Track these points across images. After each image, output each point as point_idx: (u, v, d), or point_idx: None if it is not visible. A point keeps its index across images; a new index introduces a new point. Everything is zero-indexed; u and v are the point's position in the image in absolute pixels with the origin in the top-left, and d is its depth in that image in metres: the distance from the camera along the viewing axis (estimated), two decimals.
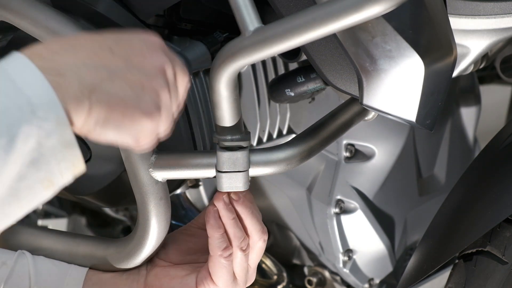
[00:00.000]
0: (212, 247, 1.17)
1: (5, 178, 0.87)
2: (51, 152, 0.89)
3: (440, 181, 1.76)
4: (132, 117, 0.94)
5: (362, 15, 0.98)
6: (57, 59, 0.90)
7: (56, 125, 0.88)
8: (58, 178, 0.90)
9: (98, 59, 0.93)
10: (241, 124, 1.16)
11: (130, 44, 0.97)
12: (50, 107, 0.88)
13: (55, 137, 0.89)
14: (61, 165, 0.90)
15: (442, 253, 1.29)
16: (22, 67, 0.88)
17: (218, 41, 1.34)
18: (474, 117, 1.81)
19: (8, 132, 0.86)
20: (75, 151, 0.91)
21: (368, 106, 1.11)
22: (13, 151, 0.87)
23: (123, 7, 1.27)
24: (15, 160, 0.87)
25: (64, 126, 0.89)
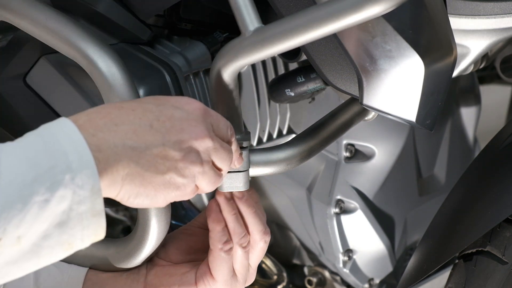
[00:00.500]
0: (212, 240, 1.17)
1: (32, 234, 0.91)
2: (79, 218, 0.93)
3: (440, 181, 1.76)
4: (163, 191, 1.01)
5: (362, 15, 0.98)
6: (99, 136, 0.96)
7: (90, 194, 0.93)
8: (78, 243, 0.95)
9: (136, 138, 0.98)
10: (241, 124, 1.16)
11: (171, 118, 1.01)
12: (88, 177, 0.93)
13: (86, 205, 0.93)
14: (84, 232, 0.95)
15: (442, 253, 1.29)
16: (70, 134, 0.94)
17: (218, 41, 1.34)
18: (474, 117, 1.81)
19: (48, 190, 0.91)
20: (101, 221, 0.95)
21: (368, 106, 1.11)
22: (46, 209, 0.91)
23: (123, 7, 1.27)
24: (46, 218, 0.91)
25: (97, 196, 0.94)
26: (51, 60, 1.27)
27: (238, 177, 1.16)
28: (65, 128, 0.95)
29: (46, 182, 0.91)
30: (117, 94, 1.17)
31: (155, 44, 1.33)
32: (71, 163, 0.93)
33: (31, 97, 1.30)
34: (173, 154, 1.01)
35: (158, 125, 1.00)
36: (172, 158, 1.01)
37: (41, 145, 0.93)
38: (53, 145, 0.93)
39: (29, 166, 0.91)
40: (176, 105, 1.03)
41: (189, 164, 1.02)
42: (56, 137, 0.94)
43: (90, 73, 1.18)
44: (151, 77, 1.25)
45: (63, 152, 0.93)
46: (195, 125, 1.03)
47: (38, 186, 0.91)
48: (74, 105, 1.27)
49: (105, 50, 1.18)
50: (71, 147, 0.94)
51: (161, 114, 1.01)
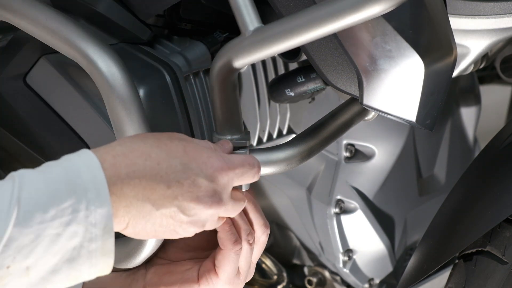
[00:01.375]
0: (222, 240, 1.15)
1: (41, 268, 0.93)
2: (88, 256, 0.95)
3: (440, 181, 1.76)
4: (164, 236, 1.05)
5: (362, 15, 0.98)
6: (118, 185, 0.98)
7: (102, 233, 0.95)
8: (84, 277, 0.97)
9: (152, 195, 1.00)
10: (241, 124, 1.16)
11: (192, 184, 1.03)
12: (102, 216, 0.95)
13: (97, 244, 0.95)
14: (91, 269, 0.97)
15: (442, 253, 1.29)
16: (94, 173, 0.96)
17: (218, 41, 1.34)
18: (474, 117, 1.81)
19: (61, 225, 0.93)
20: (109, 260, 0.97)
21: (368, 106, 1.11)
22: (57, 243, 0.93)
23: (123, 7, 1.27)
24: (56, 252, 0.93)
25: (109, 236, 0.96)
26: (51, 60, 1.27)
27: None
28: (90, 166, 0.97)
29: (62, 217, 0.93)
30: (117, 94, 1.17)
31: (155, 44, 1.33)
32: (89, 201, 0.94)
33: (31, 97, 1.30)
34: (182, 218, 1.03)
35: (176, 188, 1.02)
36: (180, 220, 1.03)
37: (63, 178, 0.95)
38: (75, 180, 0.95)
39: (49, 199, 0.93)
40: (201, 168, 1.04)
41: (194, 227, 1.05)
42: (79, 173, 0.96)
43: (90, 73, 1.18)
44: (151, 77, 1.25)
45: (84, 189, 0.95)
46: (211, 196, 1.04)
47: (54, 219, 0.93)
48: (74, 105, 1.27)
49: (105, 50, 1.18)
50: (92, 185, 0.95)
51: (183, 176, 1.02)
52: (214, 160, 1.05)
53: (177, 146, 1.04)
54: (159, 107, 1.25)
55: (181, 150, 1.03)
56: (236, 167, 1.07)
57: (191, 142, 1.06)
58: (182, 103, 1.27)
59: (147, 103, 1.23)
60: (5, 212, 0.91)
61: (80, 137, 1.29)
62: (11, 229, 0.91)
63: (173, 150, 1.03)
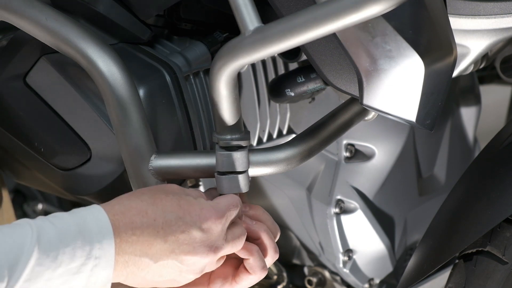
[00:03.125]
0: (253, 267, 1.17)
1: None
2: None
3: (440, 181, 1.76)
4: (164, 284, 1.11)
5: (362, 15, 0.98)
6: (117, 242, 1.04)
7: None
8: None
9: (148, 248, 1.06)
10: (241, 124, 1.16)
11: (187, 238, 1.08)
12: (103, 278, 1.03)
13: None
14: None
15: (442, 253, 1.29)
16: (105, 233, 1.03)
17: (218, 41, 1.34)
18: (474, 117, 1.81)
19: (64, 282, 1.00)
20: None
21: (368, 106, 1.11)
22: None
23: (123, 7, 1.27)
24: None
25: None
26: (51, 60, 1.27)
27: (238, 178, 1.16)
28: (101, 228, 1.03)
29: (68, 275, 1.00)
30: (117, 94, 1.17)
31: (155, 44, 1.33)
32: (96, 264, 1.02)
33: (31, 97, 1.30)
34: (181, 268, 1.09)
35: (173, 241, 1.07)
36: (179, 270, 1.09)
37: (75, 231, 1.01)
38: (85, 233, 1.02)
39: (59, 256, 0.99)
40: (195, 220, 1.09)
41: (193, 274, 1.10)
42: (89, 227, 1.03)
43: (90, 73, 1.18)
44: (151, 77, 1.25)
45: (91, 246, 1.02)
46: (207, 246, 1.09)
47: (60, 277, 1.00)
48: (74, 105, 1.27)
49: (105, 50, 1.18)
50: (98, 245, 1.02)
51: (178, 230, 1.08)
52: (206, 211, 1.10)
53: (172, 201, 1.09)
54: (159, 107, 1.25)
55: (175, 205, 1.09)
56: (225, 212, 1.12)
57: (184, 195, 1.11)
58: (182, 103, 1.27)
59: (147, 103, 1.23)
60: (21, 263, 0.97)
61: (80, 137, 1.29)
62: (21, 284, 0.97)
63: (168, 205, 1.08)
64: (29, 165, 1.36)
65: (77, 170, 1.30)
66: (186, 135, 1.28)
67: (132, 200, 1.08)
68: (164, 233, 1.07)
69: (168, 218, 1.08)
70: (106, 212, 1.05)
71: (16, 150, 1.35)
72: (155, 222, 1.07)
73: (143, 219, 1.06)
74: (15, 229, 0.99)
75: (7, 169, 1.45)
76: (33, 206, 1.99)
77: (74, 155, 1.30)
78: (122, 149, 1.20)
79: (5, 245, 0.97)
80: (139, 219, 1.06)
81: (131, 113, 1.18)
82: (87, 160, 1.29)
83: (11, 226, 1.00)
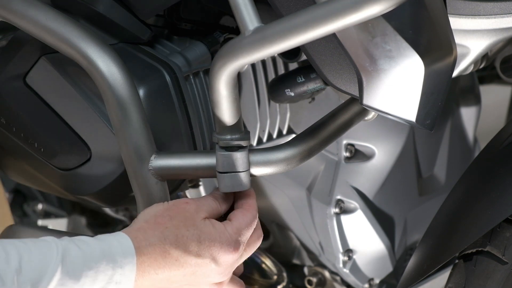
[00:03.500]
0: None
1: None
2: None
3: (440, 181, 1.76)
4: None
5: (362, 15, 0.98)
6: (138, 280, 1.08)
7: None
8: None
9: (167, 284, 1.11)
10: (241, 124, 1.16)
11: (200, 266, 1.13)
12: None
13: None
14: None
15: (442, 253, 1.29)
16: (128, 259, 1.07)
17: (218, 41, 1.34)
18: (474, 117, 1.81)
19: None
20: None
21: (368, 106, 1.11)
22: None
23: (123, 7, 1.27)
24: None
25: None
26: (51, 60, 1.27)
27: (239, 177, 1.16)
28: (124, 248, 1.08)
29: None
30: (117, 94, 1.17)
31: (155, 44, 1.33)
32: (117, 283, 1.05)
33: (31, 97, 1.30)
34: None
35: (190, 274, 1.13)
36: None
37: (99, 255, 1.05)
38: (109, 258, 1.05)
39: (83, 275, 1.03)
40: (214, 256, 1.14)
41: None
42: (113, 252, 1.06)
43: (90, 73, 1.18)
44: (151, 77, 1.25)
45: (113, 269, 1.05)
46: (221, 272, 1.15)
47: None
48: (74, 105, 1.28)
49: (105, 50, 1.18)
50: (122, 263, 1.06)
51: (197, 269, 1.13)
52: (226, 246, 1.14)
53: (193, 237, 1.13)
54: (159, 107, 1.25)
55: (195, 242, 1.13)
56: (244, 235, 1.17)
57: (205, 229, 1.14)
58: (182, 103, 1.27)
59: (147, 103, 1.23)
60: (45, 281, 1.00)
61: (80, 137, 1.29)
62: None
63: (190, 243, 1.13)
64: (29, 165, 1.36)
65: (77, 170, 1.30)
66: (186, 135, 1.28)
67: (156, 235, 1.11)
68: (183, 271, 1.12)
69: (188, 259, 1.12)
70: (131, 240, 1.09)
71: (16, 150, 1.35)
72: (177, 262, 1.11)
73: (166, 259, 1.11)
74: (41, 247, 1.01)
75: (7, 169, 1.45)
76: (33, 206, 1.99)
77: (74, 155, 1.30)
78: (122, 149, 1.20)
79: (30, 262, 0.99)
80: (162, 259, 1.11)
81: (131, 113, 1.18)
82: (87, 160, 1.29)
83: (37, 242, 1.02)
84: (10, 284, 0.96)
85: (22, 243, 1.01)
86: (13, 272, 0.97)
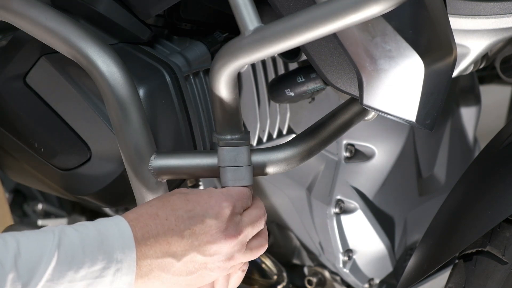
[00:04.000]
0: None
1: None
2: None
3: (440, 181, 1.76)
4: (196, 282, 1.12)
5: (362, 15, 0.98)
6: (136, 247, 1.06)
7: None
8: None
9: (170, 247, 1.08)
10: (241, 124, 1.16)
11: (201, 227, 1.10)
12: (125, 284, 1.05)
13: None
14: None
15: (442, 253, 1.29)
16: (126, 238, 1.06)
17: (218, 41, 1.34)
18: (474, 117, 1.81)
19: (87, 285, 1.02)
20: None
21: (368, 106, 1.11)
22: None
23: (123, 7, 1.27)
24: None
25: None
26: (51, 60, 1.27)
27: (242, 170, 1.16)
28: (122, 234, 1.06)
29: (90, 278, 1.02)
30: (117, 94, 1.17)
31: (155, 44, 1.33)
32: (118, 269, 1.04)
33: (31, 97, 1.30)
34: (206, 260, 1.10)
35: (189, 236, 1.09)
36: (204, 262, 1.10)
37: (96, 235, 1.04)
38: (106, 238, 1.05)
39: (82, 259, 1.02)
40: (205, 209, 1.10)
41: (220, 263, 1.11)
42: (109, 232, 1.05)
43: (90, 73, 1.18)
44: (151, 77, 1.25)
45: (112, 252, 1.04)
46: (224, 231, 1.11)
47: (82, 279, 1.02)
48: (74, 105, 1.28)
49: (105, 50, 1.18)
50: (120, 252, 1.05)
51: (191, 223, 1.10)
52: (215, 198, 1.12)
53: (179, 198, 1.11)
54: (159, 107, 1.25)
55: (183, 200, 1.11)
56: (235, 197, 1.13)
57: (192, 190, 1.13)
58: (182, 103, 1.27)
59: (147, 103, 1.23)
60: (43, 263, 0.99)
61: (80, 137, 1.29)
62: (43, 283, 0.99)
63: (176, 203, 1.11)
64: (29, 165, 1.36)
65: (77, 170, 1.30)
66: (186, 135, 1.28)
67: (143, 207, 1.11)
68: (178, 230, 1.09)
69: (179, 214, 1.09)
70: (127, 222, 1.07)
71: (16, 150, 1.35)
72: (168, 221, 1.09)
73: (156, 221, 1.09)
74: (38, 234, 1.02)
75: (7, 169, 1.45)
76: (33, 206, 1.99)
77: (74, 155, 1.30)
78: (122, 149, 1.20)
79: (27, 248, 0.99)
80: (152, 221, 1.08)
81: (131, 113, 1.18)
82: (87, 160, 1.29)
83: (35, 231, 1.02)
84: (9, 268, 0.97)
85: (19, 232, 1.02)
86: (12, 256, 0.98)
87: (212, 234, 1.10)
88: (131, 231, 1.06)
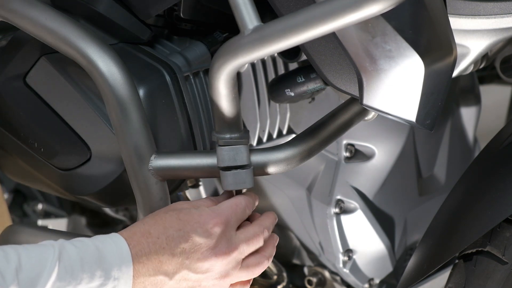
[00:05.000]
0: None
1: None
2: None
3: (440, 181, 1.76)
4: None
5: (361, 14, 0.98)
6: (138, 269, 1.08)
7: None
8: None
9: (159, 265, 1.09)
10: (240, 123, 1.16)
11: (192, 244, 1.10)
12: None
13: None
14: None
15: (442, 253, 1.29)
16: (123, 256, 1.07)
17: (218, 41, 1.34)
18: (474, 117, 1.81)
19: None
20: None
21: (368, 106, 1.11)
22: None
23: (123, 7, 1.27)
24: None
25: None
26: (51, 60, 1.27)
27: (243, 173, 1.16)
28: (120, 253, 1.07)
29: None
30: (117, 94, 1.17)
31: (155, 44, 1.33)
32: (115, 279, 1.05)
33: (31, 97, 1.30)
34: (198, 277, 1.11)
35: (180, 254, 1.10)
36: (197, 280, 1.11)
37: (94, 252, 1.05)
38: (104, 254, 1.06)
39: (81, 273, 1.03)
40: (195, 227, 1.11)
41: (213, 280, 1.13)
42: (107, 249, 1.06)
43: (90, 73, 1.18)
44: (151, 77, 1.25)
45: (110, 270, 1.05)
46: (214, 248, 1.11)
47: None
48: (74, 105, 1.28)
49: (105, 50, 1.18)
50: (118, 270, 1.06)
51: (182, 241, 1.11)
52: (205, 217, 1.12)
53: (171, 217, 1.12)
54: (159, 107, 1.25)
55: (174, 219, 1.12)
56: (226, 213, 1.14)
57: (185, 208, 1.14)
58: (182, 103, 1.27)
59: (147, 103, 1.23)
60: (44, 276, 1.00)
61: (80, 137, 1.29)
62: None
63: (168, 221, 1.12)
64: (29, 165, 1.36)
65: (77, 170, 1.30)
66: (186, 135, 1.28)
67: (136, 225, 1.12)
68: (169, 248, 1.10)
69: (170, 233, 1.11)
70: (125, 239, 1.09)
71: (16, 150, 1.35)
72: (159, 240, 1.10)
73: (148, 239, 1.10)
74: (39, 247, 1.02)
75: (7, 169, 1.45)
76: (33, 206, 1.99)
77: (74, 155, 1.30)
78: (122, 149, 1.20)
79: (28, 261, 1.00)
80: (144, 240, 1.10)
81: (131, 113, 1.18)
82: (87, 160, 1.29)
83: (35, 245, 1.03)
84: (11, 280, 0.97)
85: (19, 245, 1.03)
86: (13, 269, 0.98)
87: (202, 252, 1.11)
88: (129, 248, 1.08)
